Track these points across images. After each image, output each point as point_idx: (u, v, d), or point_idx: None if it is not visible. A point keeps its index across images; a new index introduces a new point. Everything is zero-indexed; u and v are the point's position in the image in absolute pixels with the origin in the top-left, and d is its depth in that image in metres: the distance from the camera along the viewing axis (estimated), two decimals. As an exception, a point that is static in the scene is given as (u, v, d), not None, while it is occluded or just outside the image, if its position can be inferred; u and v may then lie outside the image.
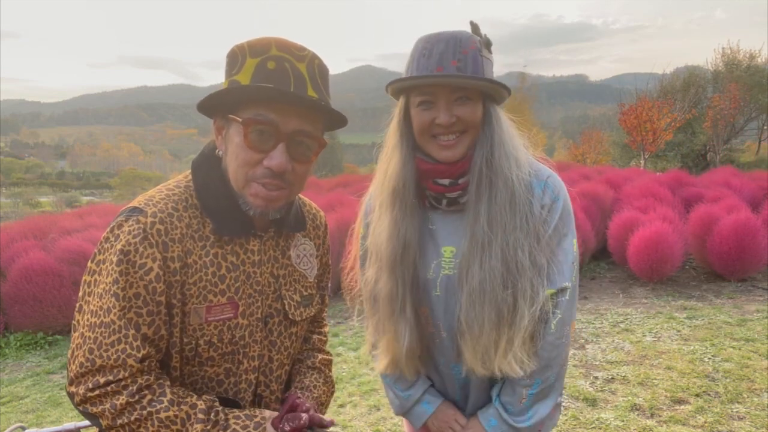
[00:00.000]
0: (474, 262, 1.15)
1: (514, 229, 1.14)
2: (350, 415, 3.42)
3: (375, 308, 1.29)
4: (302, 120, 0.99)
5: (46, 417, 3.74)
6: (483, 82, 1.11)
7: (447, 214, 1.24)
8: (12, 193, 53.26)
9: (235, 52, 0.99)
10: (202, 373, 1.05)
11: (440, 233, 1.24)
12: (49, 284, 5.28)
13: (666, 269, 5.98)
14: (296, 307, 1.15)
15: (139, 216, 0.97)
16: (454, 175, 1.18)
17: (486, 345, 1.15)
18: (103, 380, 0.92)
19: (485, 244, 1.14)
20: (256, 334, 1.08)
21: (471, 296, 1.14)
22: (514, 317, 1.15)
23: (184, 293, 0.99)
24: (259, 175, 0.99)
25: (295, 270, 1.17)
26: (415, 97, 1.16)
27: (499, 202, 1.15)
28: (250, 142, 0.97)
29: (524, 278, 1.14)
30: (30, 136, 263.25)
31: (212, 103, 1.02)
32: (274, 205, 1.03)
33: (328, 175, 33.58)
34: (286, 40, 1.00)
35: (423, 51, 1.14)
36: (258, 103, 0.97)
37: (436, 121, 1.14)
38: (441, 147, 1.16)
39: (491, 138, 1.16)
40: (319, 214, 1.31)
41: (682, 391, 3.44)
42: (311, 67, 1.01)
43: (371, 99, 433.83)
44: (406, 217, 1.21)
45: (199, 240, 1.02)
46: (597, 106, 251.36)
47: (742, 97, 25.00)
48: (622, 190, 8.26)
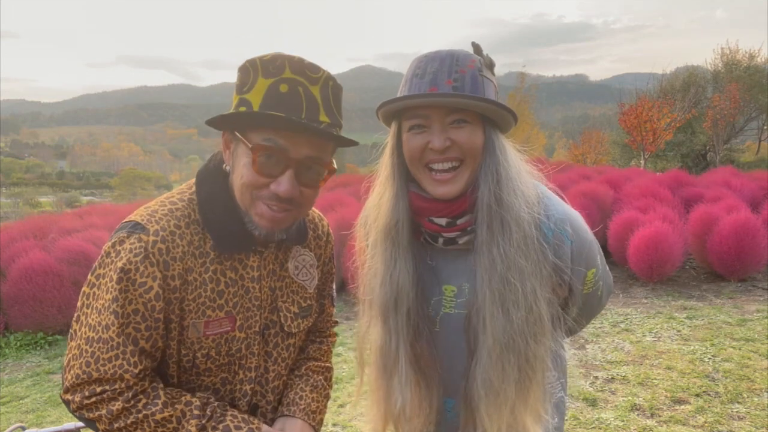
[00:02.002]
0: (496, 312, 1.01)
1: (530, 274, 1.02)
2: (350, 415, 3.42)
3: (367, 363, 1.18)
4: (312, 147, 0.98)
5: (46, 417, 3.74)
6: (481, 102, 0.98)
7: (446, 252, 1.12)
8: (12, 193, 53.25)
9: (248, 68, 0.97)
10: (199, 382, 1.05)
11: (441, 271, 1.13)
12: (49, 284, 5.28)
13: (666, 269, 5.98)
14: (293, 319, 1.15)
15: (141, 234, 0.97)
16: (452, 214, 1.05)
17: (513, 404, 1.02)
18: (99, 389, 0.94)
19: (507, 291, 1.00)
20: (254, 346, 1.08)
21: (497, 351, 1.00)
22: (536, 372, 1.03)
23: (183, 309, 0.99)
24: (265, 197, 0.98)
25: (293, 281, 1.16)
26: (407, 121, 1.04)
27: (514, 244, 1.01)
28: (259, 166, 0.96)
29: (545, 330, 1.03)
30: (30, 136, 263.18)
31: (222, 121, 1.00)
32: (280, 226, 1.02)
33: (328, 175, 33.44)
34: (301, 60, 0.97)
35: (416, 71, 1.03)
36: (268, 128, 0.95)
37: (429, 146, 1.01)
38: (436, 182, 1.03)
39: (496, 171, 1.02)
40: (322, 223, 1.28)
41: (682, 391, 3.44)
42: (325, 90, 0.99)
43: (371, 99, 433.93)
44: (399, 260, 1.08)
45: (199, 257, 1.01)
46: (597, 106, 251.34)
47: (742, 97, 24.98)
48: (622, 190, 8.25)
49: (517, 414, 1.03)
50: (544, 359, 1.04)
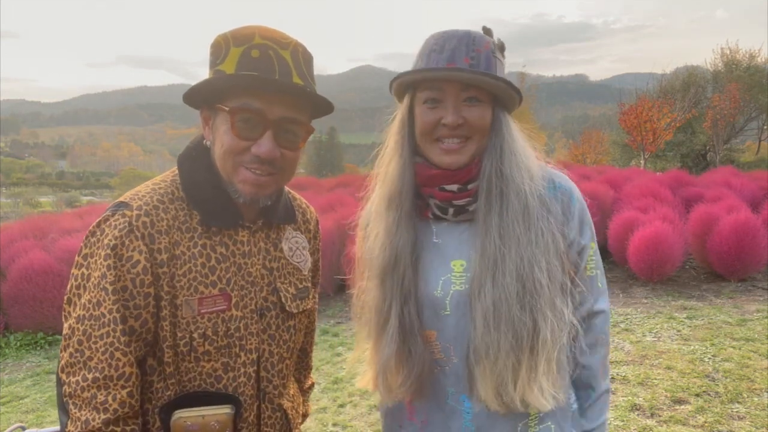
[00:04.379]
0: (486, 280, 1.04)
1: (528, 243, 1.04)
2: (350, 415, 3.43)
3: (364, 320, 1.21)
4: (288, 107, 1.00)
5: (46, 417, 3.74)
6: (497, 81, 1.03)
7: (454, 225, 1.14)
8: (12, 193, 53.25)
9: (219, 42, 0.99)
10: (200, 369, 1.04)
11: (448, 246, 1.14)
12: (49, 284, 5.29)
13: (666, 269, 5.98)
14: (292, 300, 1.15)
15: (125, 210, 0.98)
16: (462, 180, 1.08)
17: (502, 373, 1.02)
18: (90, 376, 0.94)
19: (498, 259, 1.04)
20: (252, 326, 1.08)
21: (485, 317, 1.03)
22: (535, 342, 1.03)
23: (173, 285, 0.99)
24: (247, 161, 1.00)
25: (289, 263, 1.17)
26: (422, 93, 1.07)
27: (511, 215, 1.05)
28: (237, 130, 0.98)
29: (543, 298, 1.03)
30: (30, 136, 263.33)
31: (198, 93, 1.02)
32: (264, 191, 1.03)
33: (328, 175, 33.57)
34: (270, 28, 1.00)
35: (434, 46, 1.06)
36: (244, 91, 0.97)
37: (442, 121, 1.04)
38: (443, 151, 1.07)
39: (500, 147, 1.07)
40: (309, 209, 1.31)
41: (682, 391, 3.44)
42: (296, 54, 1.01)
43: (371, 99, 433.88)
44: (400, 227, 1.11)
45: (186, 231, 1.02)
46: (597, 106, 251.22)
47: (742, 97, 24.99)
48: (622, 190, 8.26)
49: (517, 384, 1.03)
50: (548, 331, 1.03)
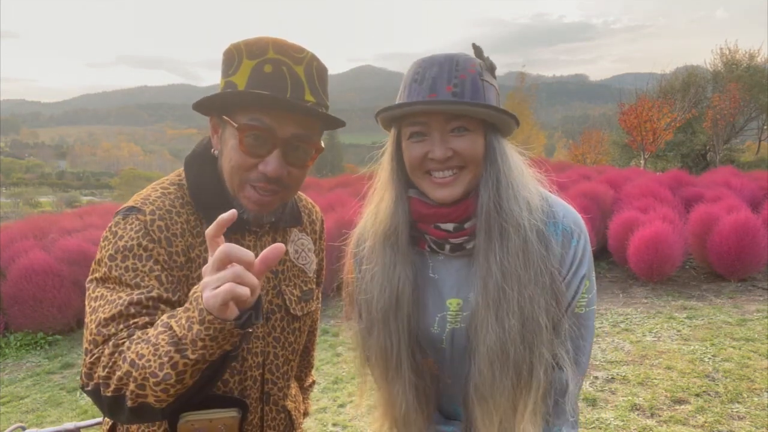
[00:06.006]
0: (490, 320, 1.00)
1: (529, 282, 1.00)
2: (350, 415, 3.43)
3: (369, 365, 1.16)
4: (299, 125, 0.98)
5: (46, 417, 3.74)
6: (482, 108, 0.96)
7: (450, 260, 1.10)
8: (12, 193, 53.25)
9: (232, 51, 0.99)
10: None
11: (444, 283, 1.10)
12: (49, 284, 5.28)
13: (666, 269, 5.98)
14: (297, 302, 1.15)
15: (138, 214, 0.97)
16: (458, 218, 1.03)
17: (506, 412, 1.01)
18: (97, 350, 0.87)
19: (500, 298, 1.00)
20: (258, 329, 1.08)
21: (490, 357, 1.00)
22: (531, 381, 1.01)
23: (190, 287, 0.99)
24: (253, 179, 0.99)
25: (294, 265, 1.17)
26: (406, 128, 1.02)
27: (512, 251, 1.00)
28: (246, 147, 0.96)
29: (541, 338, 1.00)
30: (30, 136, 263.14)
31: (209, 104, 1.01)
32: (268, 209, 1.03)
33: (328, 175, 33.58)
34: (284, 41, 0.99)
35: (414, 76, 1.01)
36: (254, 107, 0.96)
37: (429, 156, 0.99)
38: (436, 185, 1.01)
39: (496, 178, 1.01)
40: (315, 209, 1.30)
41: (682, 391, 3.44)
42: (309, 70, 1.00)
43: (371, 99, 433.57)
44: (398, 265, 1.07)
45: (197, 236, 1.02)
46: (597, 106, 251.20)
47: (742, 97, 24.99)
48: (622, 190, 8.26)
49: (514, 422, 1.02)
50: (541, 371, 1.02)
